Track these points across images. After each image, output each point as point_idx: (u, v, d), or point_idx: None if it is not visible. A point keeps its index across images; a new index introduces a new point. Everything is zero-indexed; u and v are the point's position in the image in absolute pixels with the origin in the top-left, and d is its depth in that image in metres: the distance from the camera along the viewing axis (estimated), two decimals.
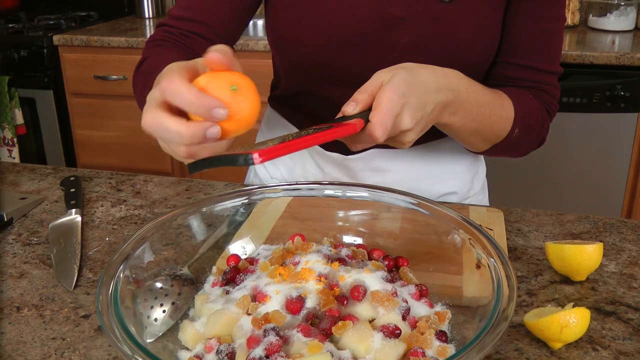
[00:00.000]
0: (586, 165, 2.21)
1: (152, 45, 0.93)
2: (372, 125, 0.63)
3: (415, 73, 0.68)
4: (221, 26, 0.93)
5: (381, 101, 0.64)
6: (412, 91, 0.66)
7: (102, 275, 0.57)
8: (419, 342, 0.55)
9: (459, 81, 0.74)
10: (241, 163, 0.53)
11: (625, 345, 0.65)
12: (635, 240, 0.85)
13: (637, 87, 2.08)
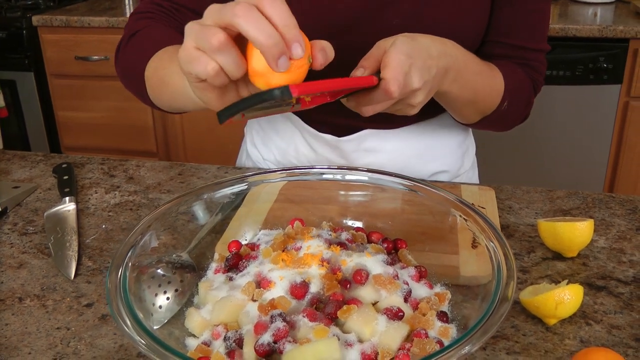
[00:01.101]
0: (570, 137, 2.24)
1: (140, 18, 0.91)
2: (386, 81, 0.64)
3: (416, 39, 0.69)
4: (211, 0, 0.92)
5: (390, 60, 0.65)
6: (417, 53, 0.67)
7: (110, 265, 0.58)
8: (421, 323, 0.56)
9: (456, 49, 0.75)
10: (276, 95, 0.52)
11: (617, 318, 0.67)
12: (624, 215, 0.88)
13: (620, 59, 2.11)
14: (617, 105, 2.18)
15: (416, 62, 0.67)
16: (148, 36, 0.88)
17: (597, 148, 2.24)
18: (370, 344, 0.53)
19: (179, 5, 0.91)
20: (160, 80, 0.81)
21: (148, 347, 0.48)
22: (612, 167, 2.26)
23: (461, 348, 0.46)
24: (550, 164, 2.29)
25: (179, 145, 2.60)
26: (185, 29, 0.59)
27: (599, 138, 2.23)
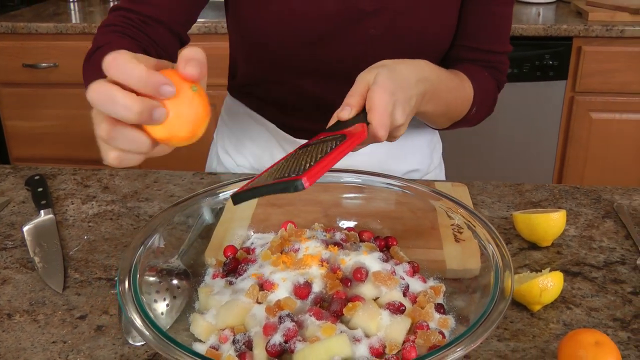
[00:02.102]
0: (519, 132, 2.33)
1: (108, 31, 0.90)
2: (374, 127, 0.65)
3: (395, 70, 0.71)
4: (181, 12, 0.92)
5: (375, 103, 0.66)
6: (398, 88, 0.69)
7: (119, 272, 0.58)
8: (421, 316, 0.59)
9: (431, 71, 0.78)
10: (291, 190, 0.53)
11: (594, 301, 0.72)
12: (590, 205, 0.93)
13: (564, 56, 2.20)
14: (563, 100, 2.27)
15: (399, 98, 0.69)
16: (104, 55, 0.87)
17: (545, 141, 2.34)
18: (377, 339, 0.56)
19: (147, 17, 0.91)
20: None
21: (168, 351, 0.48)
22: (560, 159, 2.36)
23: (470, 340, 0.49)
24: (501, 158, 2.38)
25: None
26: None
27: (546, 132, 2.33)
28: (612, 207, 0.92)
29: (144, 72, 0.51)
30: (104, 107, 0.51)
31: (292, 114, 0.98)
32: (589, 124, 2.29)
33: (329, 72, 0.91)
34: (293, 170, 0.57)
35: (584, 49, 2.18)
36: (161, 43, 0.91)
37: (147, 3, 0.89)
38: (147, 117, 0.51)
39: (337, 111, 0.68)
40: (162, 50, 0.92)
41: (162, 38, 0.91)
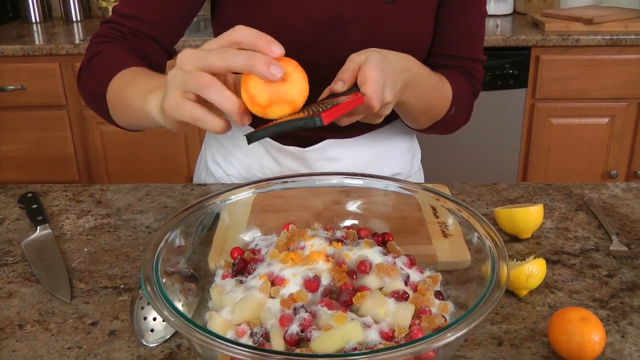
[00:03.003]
0: (484, 137, 2.41)
1: (100, 42, 0.94)
2: (369, 97, 0.71)
3: (385, 55, 0.77)
4: (170, 27, 0.96)
5: (368, 76, 0.71)
6: (387, 69, 0.75)
7: (141, 272, 0.61)
8: (423, 302, 0.64)
9: (414, 64, 0.84)
10: (311, 125, 0.58)
11: (574, 285, 0.78)
12: (562, 199, 1.00)
13: (524, 65, 2.31)
14: (524, 107, 2.38)
15: (388, 77, 0.75)
16: (106, 59, 0.91)
17: (509, 146, 2.43)
18: (386, 324, 0.60)
19: (139, 32, 0.94)
20: (120, 103, 0.85)
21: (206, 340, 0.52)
22: (524, 163, 2.46)
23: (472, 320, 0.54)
24: (468, 164, 2.46)
25: (102, 173, 2.55)
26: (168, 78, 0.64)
27: (510, 138, 2.42)
28: (583, 200, 0.99)
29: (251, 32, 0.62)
30: (232, 59, 0.60)
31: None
32: (549, 129, 2.40)
33: (313, 78, 0.96)
34: (308, 113, 0.61)
35: (542, 58, 2.29)
36: (151, 55, 0.95)
37: (139, 19, 0.93)
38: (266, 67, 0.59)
39: (330, 85, 0.74)
40: (152, 61, 0.95)
41: (152, 51, 0.95)
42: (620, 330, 0.69)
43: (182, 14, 0.96)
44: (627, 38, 2.23)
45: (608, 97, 2.33)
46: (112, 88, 0.87)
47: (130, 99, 0.80)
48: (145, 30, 0.94)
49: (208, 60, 0.61)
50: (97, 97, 0.89)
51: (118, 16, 0.94)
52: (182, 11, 0.95)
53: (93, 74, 0.92)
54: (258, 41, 0.62)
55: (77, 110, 2.45)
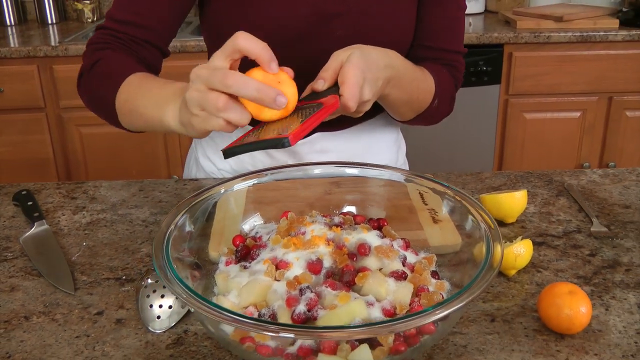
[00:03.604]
0: (461, 131, 2.46)
1: (99, 48, 0.96)
2: (345, 98, 0.75)
3: (367, 52, 0.80)
4: (164, 28, 0.98)
5: (348, 77, 0.75)
6: (368, 67, 0.78)
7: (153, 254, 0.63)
8: (421, 281, 0.67)
9: (397, 59, 0.88)
10: (279, 147, 0.62)
11: (558, 264, 0.82)
12: (543, 186, 1.04)
13: (497, 62, 2.37)
14: (498, 103, 2.44)
15: (368, 76, 0.79)
16: (110, 65, 0.93)
17: (485, 140, 2.49)
18: (388, 302, 0.63)
19: (134, 36, 0.96)
20: (131, 111, 0.88)
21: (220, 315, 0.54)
22: (499, 155, 2.52)
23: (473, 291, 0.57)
24: (445, 158, 2.51)
25: (81, 175, 2.54)
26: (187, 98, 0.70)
27: (485, 133, 2.48)
28: (563, 186, 1.04)
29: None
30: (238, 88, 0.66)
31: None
32: (523, 123, 2.46)
33: (300, 72, 0.99)
34: (280, 130, 0.67)
35: (514, 55, 2.35)
36: (147, 57, 0.97)
37: (133, 24, 0.95)
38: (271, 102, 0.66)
39: (312, 83, 0.78)
40: (148, 62, 0.97)
41: (148, 53, 0.97)
42: (604, 304, 0.74)
43: (174, 15, 0.98)
44: (597, 34, 2.30)
45: (579, 92, 2.41)
46: (121, 97, 0.89)
47: (143, 108, 0.84)
48: (141, 34, 0.96)
49: (216, 83, 0.67)
50: (103, 103, 0.92)
51: (113, 22, 0.96)
52: (174, 12, 0.97)
53: (98, 80, 0.94)
54: (261, 57, 0.69)
55: (55, 113, 2.43)
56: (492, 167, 2.53)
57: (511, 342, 0.68)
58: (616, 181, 1.05)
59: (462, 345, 0.67)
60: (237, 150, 0.69)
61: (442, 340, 0.68)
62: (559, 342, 0.67)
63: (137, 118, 0.88)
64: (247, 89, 0.66)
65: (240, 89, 0.66)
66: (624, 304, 0.73)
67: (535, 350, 0.66)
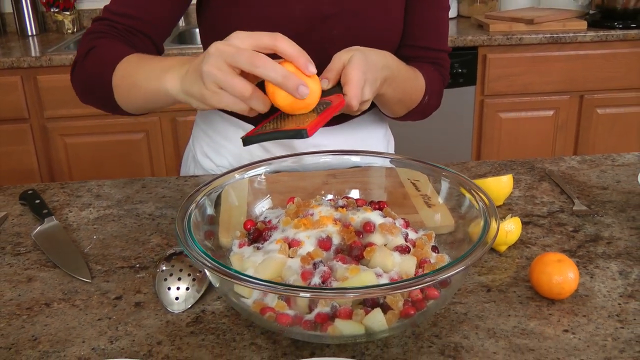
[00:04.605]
0: (439, 132, 2.53)
1: (96, 37, 0.99)
2: (349, 97, 0.80)
3: (367, 54, 0.86)
4: (161, 23, 1.02)
5: (350, 78, 0.81)
6: (369, 69, 0.84)
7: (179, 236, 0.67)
8: (423, 254, 0.73)
9: (392, 60, 0.93)
10: (297, 137, 0.68)
11: (545, 240, 0.88)
12: (526, 173, 1.11)
13: (472, 64, 2.45)
14: (474, 104, 2.52)
15: (368, 77, 0.85)
16: (107, 49, 0.96)
17: (462, 140, 2.57)
18: (395, 272, 0.68)
19: (133, 28, 1.00)
20: (131, 86, 0.91)
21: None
22: (476, 154, 2.61)
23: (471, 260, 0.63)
24: (429, 154, 2.56)
25: None
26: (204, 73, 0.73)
27: (463, 130, 2.56)
28: (545, 172, 1.10)
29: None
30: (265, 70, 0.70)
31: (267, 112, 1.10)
32: (499, 123, 2.55)
33: None
34: (297, 123, 0.73)
35: (488, 57, 2.44)
36: (143, 51, 1.01)
37: (132, 17, 0.99)
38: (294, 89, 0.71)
39: None
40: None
41: (144, 47, 1.01)
42: (589, 272, 0.80)
43: (172, 10, 1.02)
44: (566, 36, 2.40)
45: (552, 91, 2.50)
46: (119, 73, 0.92)
47: (143, 80, 0.86)
48: (139, 26, 1.00)
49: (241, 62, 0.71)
50: (99, 84, 0.94)
51: (111, 14, 1.00)
52: (171, 8, 1.02)
53: (94, 63, 0.96)
54: (299, 59, 0.73)
55: (39, 123, 2.45)
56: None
57: (507, 309, 0.73)
58: (593, 166, 1.12)
59: (462, 312, 0.73)
60: (257, 139, 0.73)
61: (445, 309, 0.73)
62: (550, 307, 0.73)
63: (135, 93, 0.90)
64: (274, 73, 0.70)
65: (268, 71, 0.70)
66: (607, 272, 0.80)
67: (529, 315, 0.72)
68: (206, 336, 0.70)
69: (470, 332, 0.69)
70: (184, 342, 0.70)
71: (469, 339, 0.68)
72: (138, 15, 0.99)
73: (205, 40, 1.11)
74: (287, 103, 0.74)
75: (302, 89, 0.71)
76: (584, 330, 0.69)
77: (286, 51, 0.72)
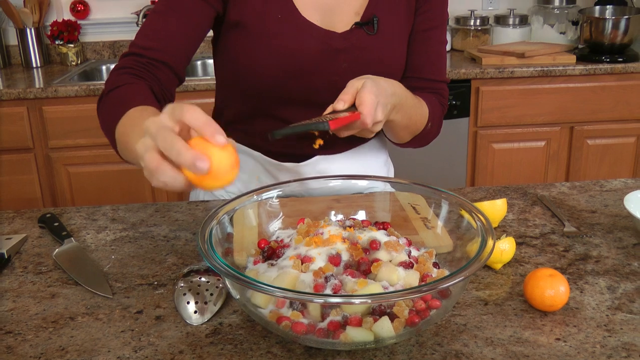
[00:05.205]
0: (433, 164, 2.61)
1: (122, 73, 1.05)
2: (364, 116, 0.87)
3: (377, 81, 0.93)
4: (180, 54, 1.09)
5: (364, 99, 0.88)
6: (380, 94, 0.91)
7: (202, 251, 0.73)
8: (425, 269, 0.78)
9: (400, 89, 1.01)
10: (320, 128, 0.77)
11: (538, 259, 0.94)
12: (519, 198, 1.17)
13: (465, 96, 2.54)
14: (468, 135, 2.60)
15: (380, 100, 0.92)
16: (120, 95, 1.00)
17: (457, 168, 2.64)
18: (400, 285, 0.74)
19: (155, 60, 1.07)
20: (125, 144, 0.91)
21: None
22: (470, 181, 2.68)
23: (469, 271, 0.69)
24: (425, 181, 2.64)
25: None
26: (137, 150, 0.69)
27: (457, 162, 2.63)
28: (537, 197, 1.17)
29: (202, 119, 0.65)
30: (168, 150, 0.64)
31: (276, 141, 1.17)
32: (492, 153, 2.63)
33: (308, 101, 1.11)
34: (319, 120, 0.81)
35: (481, 89, 2.53)
36: (164, 81, 1.07)
37: (155, 49, 1.06)
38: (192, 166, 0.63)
39: (333, 104, 0.90)
40: (164, 87, 1.07)
41: (166, 77, 1.08)
42: (579, 287, 0.86)
43: (190, 42, 1.09)
44: (556, 69, 2.50)
45: (543, 123, 2.59)
46: (119, 130, 0.93)
47: (131, 143, 0.84)
48: (160, 57, 1.07)
49: (157, 141, 0.66)
50: (110, 132, 0.99)
51: (136, 47, 1.07)
52: (190, 40, 1.09)
53: (108, 108, 1.01)
54: (205, 130, 0.65)
55: (43, 153, 2.51)
56: None
57: (503, 320, 0.79)
58: (582, 191, 1.19)
59: (462, 324, 0.78)
60: (284, 131, 0.80)
61: (446, 320, 0.79)
62: (543, 318, 0.79)
63: (127, 152, 0.91)
64: (172, 152, 0.64)
65: (168, 150, 0.64)
66: (596, 287, 0.86)
67: (524, 325, 0.78)
68: (224, 346, 0.75)
69: (470, 340, 0.75)
70: (204, 352, 0.75)
71: (468, 347, 0.73)
72: (159, 47, 1.06)
73: (220, 72, 1.17)
74: (194, 175, 0.65)
75: (199, 164, 0.63)
76: (575, 339, 0.75)
77: (192, 123, 0.66)
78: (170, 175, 0.66)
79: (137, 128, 0.88)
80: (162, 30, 1.06)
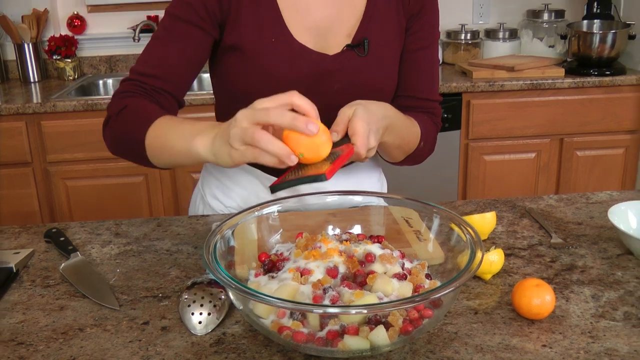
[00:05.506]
0: (425, 176, 2.66)
1: (126, 96, 1.10)
2: (358, 147, 0.91)
3: (368, 107, 0.97)
4: (181, 81, 1.14)
5: (357, 129, 0.91)
6: (372, 120, 0.95)
7: (208, 266, 0.77)
8: (418, 281, 0.83)
9: (391, 111, 1.05)
10: (317, 181, 0.80)
11: (526, 270, 0.99)
12: (508, 210, 1.22)
13: (457, 109, 2.59)
14: (459, 147, 2.65)
15: (372, 127, 0.96)
16: (138, 109, 1.07)
17: (449, 180, 2.69)
18: (394, 296, 0.78)
19: (156, 87, 1.11)
20: (163, 146, 1.02)
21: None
22: (462, 193, 2.73)
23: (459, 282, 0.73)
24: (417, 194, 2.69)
25: None
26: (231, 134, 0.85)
27: (449, 173, 2.68)
28: (525, 210, 1.22)
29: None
30: (276, 118, 0.82)
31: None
32: (483, 165, 2.68)
33: None
34: (315, 170, 0.85)
35: (472, 102, 2.58)
36: (167, 106, 1.12)
37: (155, 77, 1.10)
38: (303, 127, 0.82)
39: None
40: (167, 112, 1.12)
41: (167, 103, 1.12)
42: (564, 296, 0.90)
43: (190, 70, 1.14)
44: (545, 82, 2.56)
45: (533, 135, 2.64)
46: (152, 133, 1.03)
47: (174, 141, 0.98)
48: (161, 84, 1.11)
49: (260, 117, 0.83)
50: (132, 142, 1.05)
51: (136, 74, 1.11)
52: (190, 68, 1.13)
53: (126, 121, 1.07)
54: (311, 112, 0.85)
55: (42, 167, 2.54)
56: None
57: (492, 328, 0.83)
58: (569, 204, 1.24)
59: (453, 332, 0.83)
60: (282, 186, 0.85)
61: (438, 329, 0.83)
62: (530, 326, 0.83)
63: (166, 152, 1.02)
64: (284, 118, 0.81)
65: (278, 118, 0.81)
66: (580, 296, 0.90)
67: (512, 333, 0.82)
68: (228, 354, 0.79)
69: (461, 348, 0.79)
70: None
71: (459, 354, 0.78)
72: (160, 74, 1.10)
73: (218, 92, 1.22)
74: (300, 147, 0.84)
75: (310, 126, 0.81)
76: (560, 345, 0.79)
77: (300, 106, 0.84)
78: (277, 145, 0.82)
79: (177, 128, 1.00)
80: (163, 57, 1.11)
